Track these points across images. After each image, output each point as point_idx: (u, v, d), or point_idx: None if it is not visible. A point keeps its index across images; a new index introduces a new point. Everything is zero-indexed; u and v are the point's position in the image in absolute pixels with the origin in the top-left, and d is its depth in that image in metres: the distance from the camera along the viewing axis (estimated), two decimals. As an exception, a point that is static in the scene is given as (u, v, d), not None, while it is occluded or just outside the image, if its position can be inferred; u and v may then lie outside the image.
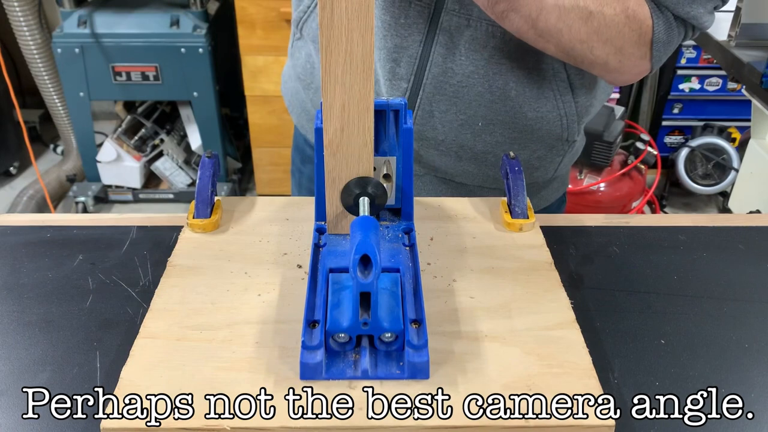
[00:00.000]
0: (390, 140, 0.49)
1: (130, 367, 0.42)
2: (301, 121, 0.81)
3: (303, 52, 0.75)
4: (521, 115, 0.67)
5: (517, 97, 0.66)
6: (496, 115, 0.68)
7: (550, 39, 0.59)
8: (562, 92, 0.68)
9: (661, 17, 0.60)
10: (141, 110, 2.24)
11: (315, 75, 0.73)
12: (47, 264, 0.55)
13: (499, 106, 0.67)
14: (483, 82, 0.65)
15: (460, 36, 0.64)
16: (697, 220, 0.63)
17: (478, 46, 0.63)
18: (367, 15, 0.41)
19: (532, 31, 0.58)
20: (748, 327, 0.50)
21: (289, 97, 0.82)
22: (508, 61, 0.64)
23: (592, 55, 0.60)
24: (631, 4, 0.59)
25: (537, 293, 0.49)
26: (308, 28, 0.72)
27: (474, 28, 0.63)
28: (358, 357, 0.41)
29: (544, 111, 0.68)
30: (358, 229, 0.40)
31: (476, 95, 0.66)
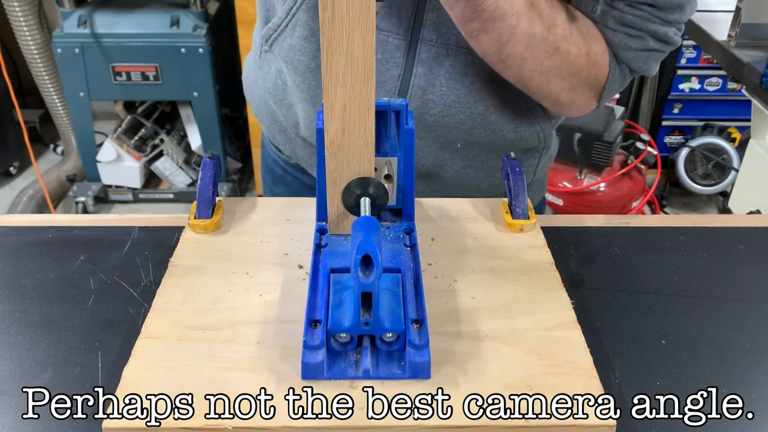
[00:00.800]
0: (391, 141, 0.49)
1: (132, 367, 0.42)
2: (272, 132, 0.79)
3: (273, 66, 0.72)
4: (501, 137, 0.68)
5: (497, 121, 0.67)
6: (476, 138, 0.68)
7: (512, 66, 0.59)
8: (539, 114, 0.69)
9: (617, 68, 0.62)
10: (141, 110, 2.24)
11: (287, 92, 0.71)
12: (49, 264, 0.55)
13: (480, 131, 0.67)
14: (464, 110, 0.65)
15: (439, 66, 0.63)
16: (697, 221, 0.64)
17: (459, 75, 0.63)
18: (368, 16, 0.41)
19: (496, 54, 0.58)
20: (748, 327, 0.51)
21: (257, 105, 0.80)
22: (489, 86, 0.64)
23: (547, 89, 0.62)
24: (594, 47, 0.60)
25: (538, 293, 0.49)
26: (279, 47, 0.68)
27: (453, 57, 0.62)
28: (360, 357, 0.42)
29: (522, 130, 0.69)
30: (359, 230, 0.40)
31: (457, 123, 0.66)
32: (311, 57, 0.65)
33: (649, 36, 0.60)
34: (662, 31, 0.60)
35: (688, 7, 0.60)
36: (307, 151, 0.76)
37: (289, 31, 0.66)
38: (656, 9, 0.59)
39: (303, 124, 0.71)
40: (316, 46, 0.65)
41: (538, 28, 0.56)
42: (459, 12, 0.55)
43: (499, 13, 0.54)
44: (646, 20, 0.59)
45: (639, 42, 0.60)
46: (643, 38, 0.60)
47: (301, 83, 0.67)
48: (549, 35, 0.57)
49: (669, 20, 0.60)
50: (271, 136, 0.81)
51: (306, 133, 0.72)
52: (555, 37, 0.57)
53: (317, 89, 0.66)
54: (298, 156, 0.78)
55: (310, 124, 0.70)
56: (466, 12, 0.55)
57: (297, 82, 0.68)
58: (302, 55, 0.66)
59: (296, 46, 0.66)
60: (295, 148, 0.77)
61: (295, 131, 0.75)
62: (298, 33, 0.65)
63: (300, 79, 0.67)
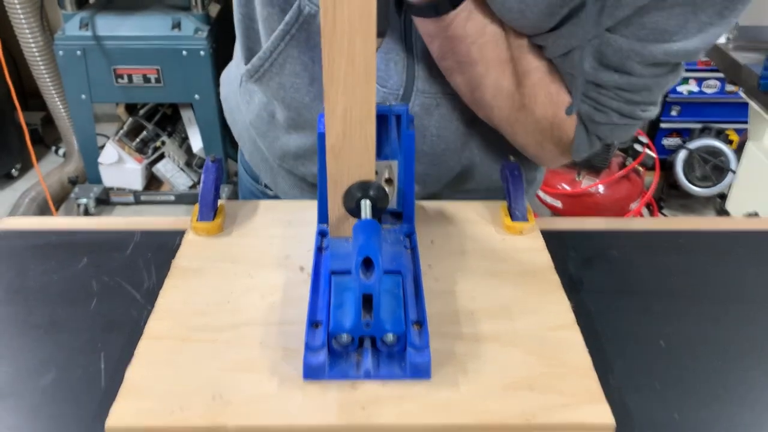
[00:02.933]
0: (392, 144, 0.50)
1: (134, 368, 0.42)
2: (254, 159, 0.76)
3: (255, 98, 0.68)
4: (487, 179, 0.68)
5: (482, 162, 0.67)
6: (463, 183, 0.68)
7: (481, 110, 0.60)
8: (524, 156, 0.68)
9: (584, 134, 0.60)
10: (142, 112, 2.25)
11: (273, 125, 0.68)
12: (52, 267, 0.56)
13: (467, 176, 0.67)
14: (453, 157, 0.65)
15: (430, 117, 0.62)
16: (696, 224, 0.64)
17: (446, 122, 0.63)
18: (369, 20, 0.41)
19: (469, 95, 0.59)
20: (747, 329, 0.51)
21: (239, 130, 0.76)
22: (474, 130, 0.64)
23: (514, 139, 0.62)
24: (561, 113, 0.59)
25: (537, 296, 0.49)
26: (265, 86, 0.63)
27: (443, 105, 0.62)
28: (361, 358, 0.42)
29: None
30: (360, 232, 0.40)
31: (447, 170, 0.66)
32: (304, 92, 0.62)
33: (613, 112, 0.57)
34: (626, 109, 0.57)
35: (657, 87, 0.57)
36: (289, 182, 0.73)
37: (277, 69, 0.62)
38: (621, 90, 0.56)
39: (293, 155, 0.69)
40: (308, 80, 0.61)
41: (506, 82, 0.57)
42: (436, 48, 0.56)
43: (469, 60, 0.55)
44: (609, 98, 0.57)
45: (603, 116, 0.58)
46: (607, 113, 0.58)
47: (297, 118, 0.65)
48: (516, 91, 0.57)
49: (634, 101, 0.57)
50: (253, 164, 0.78)
51: (292, 164, 0.70)
52: (522, 94, 0.57)
53: (313, 121, 0.64)
54: (279, 187, 0.75)
55: (302, 153, 0.68)
56: (443, 48, 0.55)
57: (292, 116, 0.65)
58: (294, 92, 0.62)
59: (287, 84, 0.62)
60: (276, 178, 0.75)
61: (278, 162, 0.72)
62: (288, 70, 0.61)
63: (295, 114, 0.64)
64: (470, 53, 0.55)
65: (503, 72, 0.56)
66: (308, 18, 0.57)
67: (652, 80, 0.55)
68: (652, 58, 0.53)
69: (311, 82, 0.62)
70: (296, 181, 0.73)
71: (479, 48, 0.54)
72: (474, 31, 0.54)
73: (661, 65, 0.54)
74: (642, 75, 0.54)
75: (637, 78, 0.54)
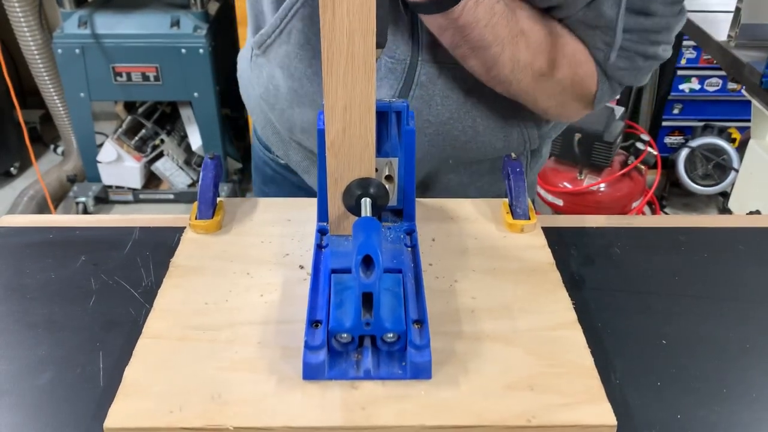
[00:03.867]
0: (392, 141, 0.49)
1: (133, 367, 0.42)
2: (266, 132, 0.79)
3: (264, 71, 0.71)
4: (491, 148, 0.69)
5: (485, 131, 0.67)
6: (467, 153, 0.69)
7: (499, 85, 0.61)
8: (527, 124, 0.69)
9: (606, 83, 0.63)
10: (141, 111, 2.24)
11: (279, 98, 0.71)
12: (50, 265, 0.55)
13: (471, 145, 0.68)
14: (457, 126, 0.65)
15: (434, 86, 0.63)
16: (697, 222, 0.64)
17: (450, 91, 0.64)
18: (369, 17, 0.41)
19: (485, 75, 0.60)
20: (748, 327, 0.51)
21: (252, 105, 0.80)
22: (476, 98, 0.65)
23: (535, 106, 0.64)
24: (581, 71, 0.61)
25: (538, 294, 0.49)
26: (274, 53, 0.68)
27: (445, 75, 0.63)
28: (361, 357, 0.42)
29: (511, 140, 0.69)
30: (360, 230, 0.40)
31: (451, 139, 0.66)
32: (307, 64, 0.65)
33: (639, 56, 0.61)
34: (651, 51, 0.61)
35: (676, 25, 0.61)
36: (300, 154, 0.76)
37: (284, 39, 0.65)
38: (645, 33, 0.59)
39: (299, 128, 0.71)
40: (312, 53, 0.64)
41: (523, 55, 0.58)
42: (449, 38, 0.57)
43: (484, 43, 0.56)
44: (635, 43, 0.60)
45: (628, 62, 0.61)
46: (632, 59, 0.61)
47: (299, 89, 0.67)
48: (535, 61, 0.59)
49: (658, 41, 0.60)
50: (264, 137, 0.81)
51: (301, 137, 0.72)
52: (540, 63, 0.59)
53: (315, 95, 0.66)
54: (291, 159, 0.78)
55: (307, 127, 0.70)
56: (455, 38, 0.56)
57: (294, 88, 0.68)
58: (299, 63, 0.65)
59: (292, 53, 0.65)
60: (288, 150, 0.77)
61: (288, 135, 0.74)
62: (293, 40, 0.65)
63: (297, 85, 0.67)
64: (483, 36, 0.55)
65: (517, 45, 0.57)
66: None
67: (673, 19, 0.60)
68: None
69: (314, 56, 0.64)
70: (307, 154, 0.75)
71: (492, 29, 0.55)
72: (484, 14, 0.54)
73: (677, 3, 0.59)
74: (664, 15, 0.58)
75: (660, 18, 0.58)
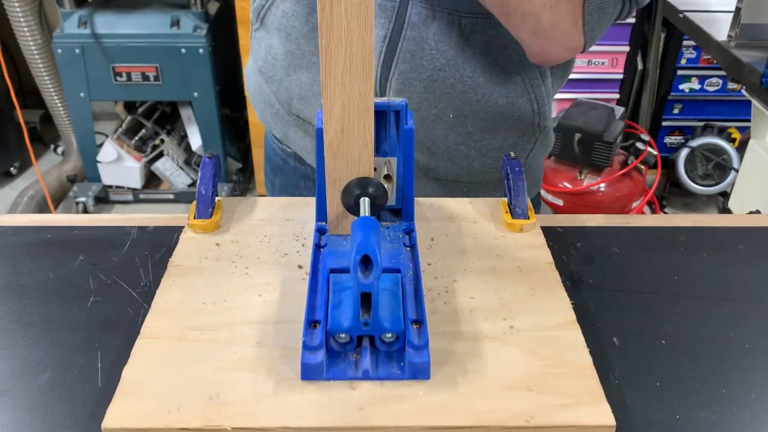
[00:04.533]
0: (391, 141, 0.49)
1: (131, 367, 0.42)
2: (265, 115, 0.79)
3: (263, 43, 0.73)
4: (492, 103, 0.67)
5: (486, 84, 0.65)
6: (468, 105, 0.67)
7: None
8: (531, 76, 0.67)
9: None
10: (141, 111, 2.24)
11: (277, 67, 0.71)
12: (48, 264, 0.55)
13: (471, 96, 0.66)
14: (454, 74, 0.64)
15: (427, 29, 0.62)
16: (697, 221, 0.63)
17: (445, 37, 0.62)
18: (367, 15, 0.41)
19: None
20: (748, 327, 0.51)
21: (252, 91, 0.81)
22: (475, 48, 0.64)
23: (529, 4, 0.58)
24: None
25: (537, 294, 0.49)
26: (272, 16, 0.69)
27: (439, 19, 0.62)
28: (359, 357, 0.42)
29: (514, 96, 0.67)
30: (358, 230, 0.40)
31: (448, 87, 0.65)
32: (304, 21, 0.66)
33: None
34: None
35: None
36: (299, 132, 0.75)
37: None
38: None
39: (297, 97, 0.71)
40: (308, 9, 0.65)
41: None
42: None
43: None
44: None
45: None
46: None
47: (296, 50, 0.68)
48: None
49: None
50: (265, 122, 0.81)
51: (299, 107, 0.72)
52: None
53: (312, 55, 0.67)
54: (290, 139, 0.77)
55: (305, 94, 0.70)
56: None
57: (291, 50, 0.68)
58: (295, 20, 0.66)
59: (289, 12, 0.67)
60: (287, 130, 0.77)
61: (287, 110, 0.74)
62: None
63: (294, 46, 0.68)
64: None
65: None
66: None
67: None
68: None
69: (310, 12, 0.65)
70: (306, 128, 0.74)
71: None
72: None
73: None
74: None
75: None
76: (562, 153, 1.96)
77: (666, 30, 2.14)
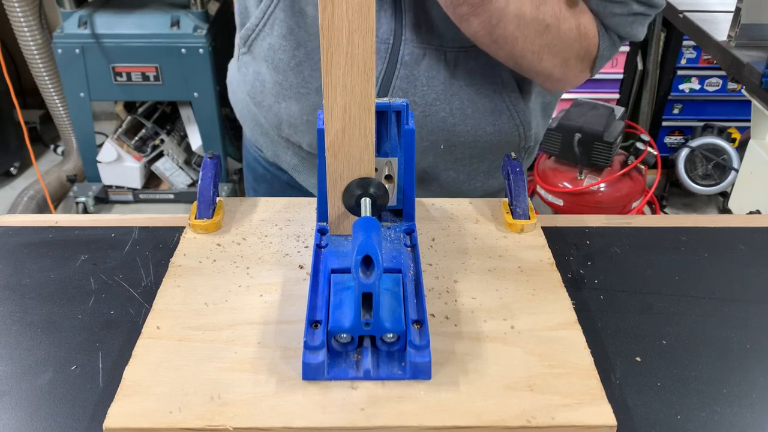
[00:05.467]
0: (392, 141, 0.49)
1: (133, 367, 0.42)
2: (255, 134, 0.80)
3: (251, 69, 0.72)
4: (481, 132, 0.69)
5: (474, 114, 0.67)
6: (458, 136, 0.69)
7: (503, 46, 0.60)
8: (515, 102, 0.69)
9: (606, 37, 0.63)
10: (141, 111, 2.24)
11: (266, 94, 0.71)
12: (49, 264, 0.55)
13: (460, 127, 0.68)
14: (443, 107, 0.66)
15: (418, 67, 0.64)
16: (698, 221, 0.64)
17: (434, 72, 0.64)
18: (368, 16, 0.41)
19: (488, 36, 0.59)
20: (749, 327, 0.51)
21: (240, 109, 0.80)
22: (462, 80, 0.65)
23: (540, 66, 0.62)
24: (583, 20, 0.61)
25: (538, 294, 0.49)
26: (259, 47, 0.69)
27: (428, 56, 0.63)
28: (360, 357, 0.42)
29: (501, 123, 0.69)
30: (360, 230, 0.40)
31: (439, 121, 0.67)
32: (291, 55, 0.66)
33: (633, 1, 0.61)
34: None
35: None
36: (289, 152, 0.76)
37: (267, 31, 0.66)
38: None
39: (286, 123, 0.71)
40: (294, 44, 0.65)
41: (527, 8, 0.57)
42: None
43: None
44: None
45: (623, 7, 0.61)
46: (627, 3, 0.61)
47: (283, 81, 0.68)
48: (539, 14, 0.58)
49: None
50: (254, 139, 0.81)
51: (288, 132, 0.72)
52: (544, 15, 0.58)
53: (300, 87, 0.67)
54: (281, 158, 0.78)
55: (294, 122, 0.70)
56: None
57: (279, 81, 0.68)
58: (282, 53, 0.66)
59: (275, 45, 0.66)
60: (277, 150, 0.77)
61: (276, 132, 0.75)
62: (276, 32, 0.66)
63: (282, 77, 0.68)
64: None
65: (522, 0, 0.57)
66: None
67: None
68: None
69: (297, 47, 0.65)
70: (296, 150, 0.75)
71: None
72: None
73: None
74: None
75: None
76: (562, 153, 1.96)
77: (666, 30, 2.14)
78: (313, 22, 0.63)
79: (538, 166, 2.07)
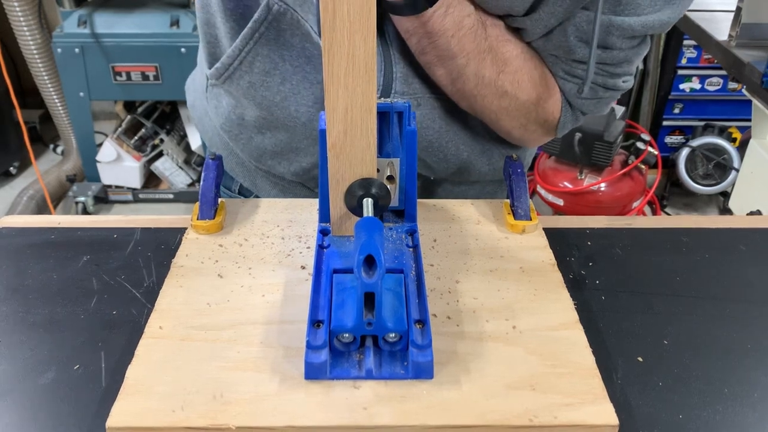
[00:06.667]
0: (393, 142, 0.49)
1: (135, 367, 0.42)
2: (229, 164, 0.74)
3: (224, 101, 0.67)
4: (476, 171, 0.69)
5: (470, 157, 0.67)
6: (453, 176, 0.69)
7: (462, 100, 0.61)
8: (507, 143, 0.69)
9: (569, 111, 0.63)
10: (141, 110, 2.24)
11: (245, 126, 0.66)
12: (52, 265, 0.55)
13: (454, 170, 0.68)
14: (438, 154, 0.66)
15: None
16: (699, 222, 0.64)
17: (428, 122, 0.63)
18: (369, 17, 0.41)
19: (450, 87, 0.60)
20: (750, 328, 0.51)
21: (210, 137, 0.74)
22: (456, 126, 0.65)
23: (498, 125, 0.63)
24: (545, 95, 0.61)
25: (540, 294, 0.49)
26: (236, 85, 0.63)
27: (423, 105, 0.63)
28: (363, 357, 0.42)
29: (495, 161, 0.69)
30: (362, 230, 0.40)
31: (434, 163, 0.67)
32: (275, 91, 0.61)
33: (600, 87, 0.61)
34: (611, 83, 0.60)
35: (636, 58, 0.60)
36: (269, 183, 0.72)
37: (246, 68, 0.61)
38: (605, 65, 0.59)
39: (270, 153, 0.68)
40: (280, 79, 0.61)
41: (487, 72, 0.58)
42: (415, 43, 0.57)
43: (449, 53, 0.56)
44: (596, 75, 0.59)
45: (591, 93, 0.60)
46: (594, 90, 0.61)
47: (269, 117, 0.64)
48: (498, 80, 0.58)
49: (617, 73, 0.60)
50: (228, 168, 0.75)
51: (271, 163, 0.69)
52: (503, 81, 0.59)
53: (287, 119, 0.63)
54: (259, 188, 0.74)
55: (280, 150, 0.66)
56: (422, 43, 0.56)
57: (263, 116, 0.64)
58: (265, 91, 0.61)
59: (257, 82, 0.61)
60: (255, 180, 0.73)
61: (256, 164, 0.71)
62: (257, 68, 0.61)
63: (266, 113, 0.63)
64: (449, 46, 0.55)
65: (483, 62, 0.57)
66: (277, 16, 0.57)
67: (631, 51, 0.59)
68: (632, 31, 0.56)
69: (282, 81, 0.61)
70: (276, 181, 0.72)
71: (458, 41, 0.55)
72: (452, 25, 0.55)
73: (636, 37, 0.58)
74: (622, 48, 0.58)
75: (618, 51, 0.58)
76: (562, 153, 1.96)
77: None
78: (300, 54, 0.59)
79: (538, 166, 2.07)
